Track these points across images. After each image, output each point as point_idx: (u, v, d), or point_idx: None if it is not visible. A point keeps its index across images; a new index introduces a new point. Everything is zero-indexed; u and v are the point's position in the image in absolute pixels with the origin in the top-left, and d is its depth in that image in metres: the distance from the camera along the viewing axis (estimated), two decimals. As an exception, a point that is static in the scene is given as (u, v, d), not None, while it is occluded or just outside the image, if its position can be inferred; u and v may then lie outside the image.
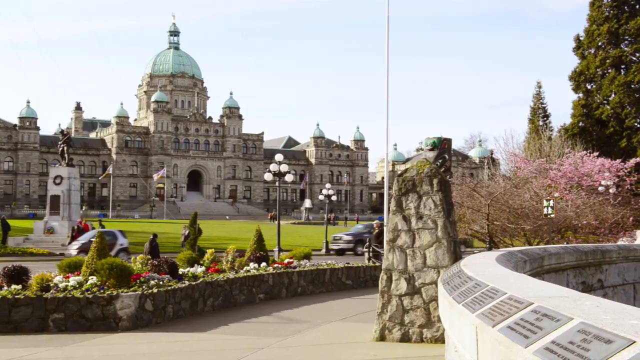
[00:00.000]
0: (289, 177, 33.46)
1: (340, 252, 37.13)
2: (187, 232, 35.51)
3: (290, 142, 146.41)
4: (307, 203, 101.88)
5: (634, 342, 2.64)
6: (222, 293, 15.23)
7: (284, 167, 31.65)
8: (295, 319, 13.75)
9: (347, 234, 39.86)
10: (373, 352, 9.74)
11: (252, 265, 17.68)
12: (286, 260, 19.41)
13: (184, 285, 13.87)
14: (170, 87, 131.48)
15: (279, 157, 32.38)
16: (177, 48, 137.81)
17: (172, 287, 13.41)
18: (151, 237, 25.94)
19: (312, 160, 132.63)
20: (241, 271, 16.93)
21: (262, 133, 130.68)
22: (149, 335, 11.51)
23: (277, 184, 31.39)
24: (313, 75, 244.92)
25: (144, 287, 12.80)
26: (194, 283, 14.24)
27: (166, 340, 11.14)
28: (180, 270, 15.40)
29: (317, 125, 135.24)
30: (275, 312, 14.63)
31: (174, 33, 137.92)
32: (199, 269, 16.16)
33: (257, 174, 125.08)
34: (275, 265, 18.39)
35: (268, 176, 33.02)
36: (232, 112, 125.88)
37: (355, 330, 12.01)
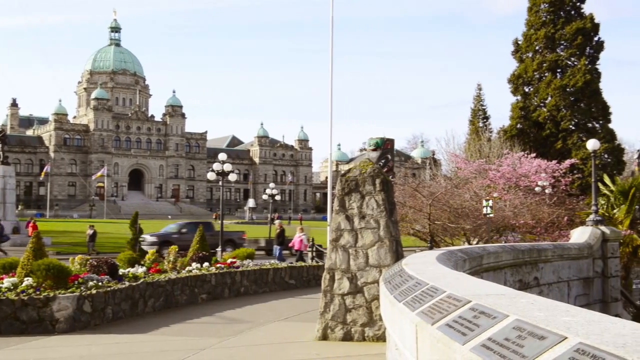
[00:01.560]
0: (232, 177, 33.23)
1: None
2: (92, 231, 34.65)
3: (234, 141, 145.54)
4: (251, 203, 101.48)
5: (566, 337, 2.73)
6: (164, 294, 15.02)
7: (227, 167, 31.43)
8: (238, 319, 13.68)
9: (152, 235, 34.71)
10: (315, 352, 9.76)
11: (194, 265, 17.49)
12: (229, 260, 19.29)
13: (124, 286, 13.61)
14: (111, 85, 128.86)
15: (222, 156, 32.13)
16: (118, 45, 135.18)
17: (112, 288, 13.15)
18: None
19: (256, 160, 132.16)
20: (183, 271, 16.74)
21: (206, 132, 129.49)
22: (88, 338, 11.26)
23: (220, 183, 31.14)
24: (257, 75, 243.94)
25: (82, 288, 12.51)
26: (134, 284, 14.00)
27: (105, 343, 10.92)
28: (121, 271, 15.11)
29: (261, 124, 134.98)
30: (218, 313, 14.52)
31: (115, 29, 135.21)
32: (139, 270, 15.89)
33: (201, 173, 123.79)
34: (218, 265, 18.25)
35: (211, 175, 32.73)
36: (175, 111, 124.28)
37: (298, 329, 12.02)
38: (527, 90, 55.88)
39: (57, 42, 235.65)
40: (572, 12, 54.75)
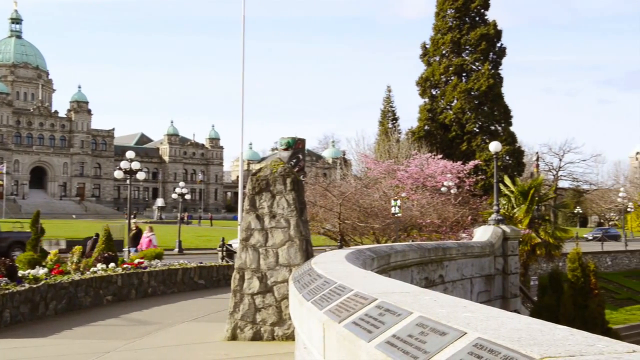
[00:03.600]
0: (140, 175, 32.49)
1: None
2: None
3: (143, 139, 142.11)
4: (160, 202, 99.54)
5: (465, 333, 2.83)
6: (67, 296, 14.50)
7: (135, 165, 30.67)
8: (145, 320, 13.38)
9: None
10: (224, 352, 9.68)
11: (99, 266, 16.97)
12: (136, 261, 18.84)
13: (23, 288, 13.04)
14: (12, 78, 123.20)
15: (130, 154, 31.33)
16: (19, 37, 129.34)
17: (10, 290, 12.57)
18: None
19: (166, 158, 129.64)
20: (87, 272, 16.21)
21: (113, 129, 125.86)
22: (-17, 343, 10.71)
23: (128, 181, 30.36)
24: (167, 72, 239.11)
25: (-23, 291, 11.90)
26: (34, 286, 13.44)
27: (2, 348, 10.42)
28: (20, 273, 14.46)
29: (172, 122, 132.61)
30: (124, 314, 14.15)
31: (16, 20, 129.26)
32: (40, 271, 15.25)
33: (107, 172, 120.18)
34: (125, 265, 17.78)
35: (119, 174, 31.82)
36: (81, 107, 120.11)
37: (207, 330, 11.88)
38: (434, 92, 57.52)
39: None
40: (477, 19, 56.81)
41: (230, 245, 26.66)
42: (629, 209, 67.94)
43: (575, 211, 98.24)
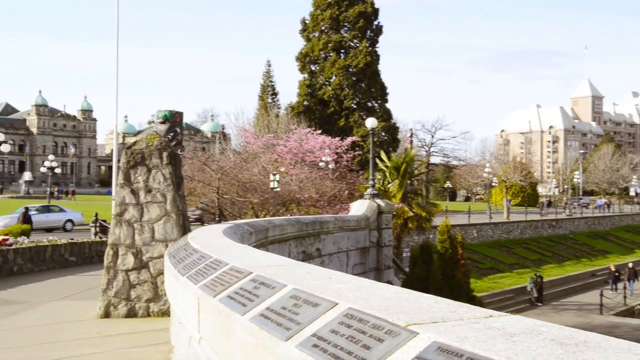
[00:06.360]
0: (5, 147, 30.64)
1: None
2: None
3: (8, 109, 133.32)
4: (27, 176, 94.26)
5: (337, 303, 2.91)
6: None
7: (-1, 136, 28.84)
8: (11, 300, 12.70)
9: None
10: (97, 330, 9.40)
11: (-41, 244, 15.91)
12: (1, 238, 17.80)
13: None
14: None
15: (-7, 124, 29.43)
16: None
17: None
18: None
19: (34, 130, 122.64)
20: (-55, 251, 15.15)
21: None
22: None
23: (-10, 154, 28.56)
24: (35, 39, 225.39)
25: None
26: None
27: None
28: None
29: (40, 92, 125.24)
30: (-13, 295, 13.36)
31: None
32: None
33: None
34: (-12, 243, 16.75)
35: (-20, 145, 29.83)
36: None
37: (78, 308, 11.47)
38: (313, 68, 57.97)
39: None
40: (356, -4, 57.59)
41: (105, 220, 25.77)
42: (493, 184, 72.00)
43: (445, 186, 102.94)
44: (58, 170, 59.63)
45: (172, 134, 12.42)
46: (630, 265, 40.86)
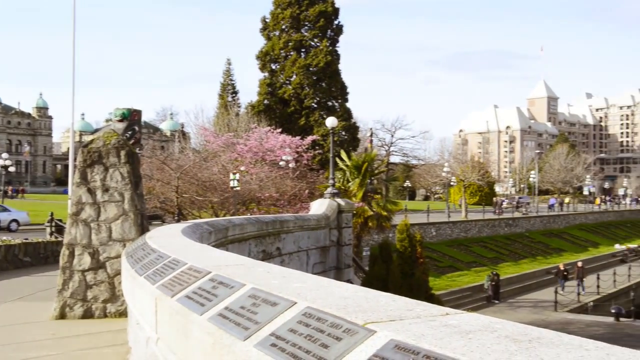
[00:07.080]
0: (-44, 145, 29.77)
1: None
2: None
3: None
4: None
5: (296, 302, 2.92)
6: None
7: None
8: (-38, 302, 12.37)
9: None
10: (52, 332, 9.23)
11: None
12: (-48, 238, 17.34)
13: None
14: None
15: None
16: None
17: None
18: None
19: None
20: None
21: None
22: None
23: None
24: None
25: None
26: None
27: None
28: None
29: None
30: (-64, 296, 12.99)
31: None
32: None
33: None
34: (-62, 243, 16.31)
35: None
36: None
37: (33, 309, 11.24)
38: (274, 67, 57.85)
39: None
40: (316, -5, 57.65)
41: (60, 220, 25.31)
42: (452, 183, 72.92)
43: (405, 185, 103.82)
44: (12, 169, 58.24)
45: (130, 132, 12.26)
46: (580, 264, 41.74)
